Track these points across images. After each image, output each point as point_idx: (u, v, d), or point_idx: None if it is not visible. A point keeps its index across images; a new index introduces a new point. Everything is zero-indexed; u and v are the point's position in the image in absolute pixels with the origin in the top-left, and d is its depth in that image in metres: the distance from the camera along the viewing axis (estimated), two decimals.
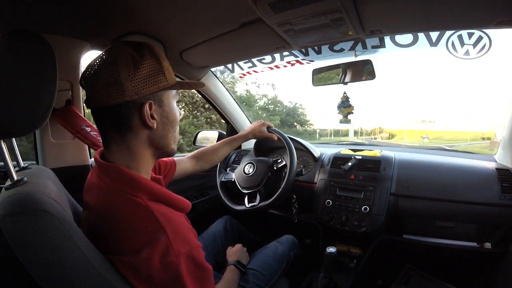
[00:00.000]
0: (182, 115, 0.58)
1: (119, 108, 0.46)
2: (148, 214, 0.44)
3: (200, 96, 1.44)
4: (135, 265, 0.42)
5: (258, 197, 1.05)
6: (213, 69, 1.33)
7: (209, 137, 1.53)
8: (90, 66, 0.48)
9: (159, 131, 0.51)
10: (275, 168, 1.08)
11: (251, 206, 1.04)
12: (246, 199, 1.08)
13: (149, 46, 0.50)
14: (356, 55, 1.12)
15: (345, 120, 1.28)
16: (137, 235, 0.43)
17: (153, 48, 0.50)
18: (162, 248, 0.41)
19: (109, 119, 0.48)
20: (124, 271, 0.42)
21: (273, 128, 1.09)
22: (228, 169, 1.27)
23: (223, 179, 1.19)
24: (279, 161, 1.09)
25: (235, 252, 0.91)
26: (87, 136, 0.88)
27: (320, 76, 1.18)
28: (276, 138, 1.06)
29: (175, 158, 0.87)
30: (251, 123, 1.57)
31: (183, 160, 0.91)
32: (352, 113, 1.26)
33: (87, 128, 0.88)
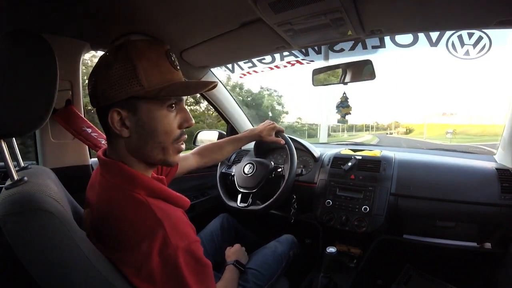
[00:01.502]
0: (193, 121, 0.51)
1: (99, 112, 0.48)
2: (146, 209, 0.44)
3: None
4: (136, 263, 0.42)
5: (250, 200, 1.05)
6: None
7: (209, 137, 1.53)
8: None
9: (134, 140, 0.48)
10: (273, 174, 1.07)
11: (242, 207, 1.05)
12: (239, 198, 1.08)
13: (127, 47, 0.46)
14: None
15: (343, 120, 1.29)
16: (137, 230, 0.43)
17: (130, 48, 0.46)
18: (160, 241, 0.42)
19: (100, 121, 0.50)
20: (126, 270, 0.42)
21: (283, 134, 1.02)
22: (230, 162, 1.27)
23: (223, 170, 1.19)
24: (278, 169, 1.08)
25: (234, 252, 0.91)
26: (88, 138, 0.87)
27: (320, 76, 1.18)
28: (283, 142, 1.00)
29: None
30: (251, 123, 1.57)
31: (187, 157, 0.90)
32: (350, 113, 1.27)
33: (88, 129, 0.88)
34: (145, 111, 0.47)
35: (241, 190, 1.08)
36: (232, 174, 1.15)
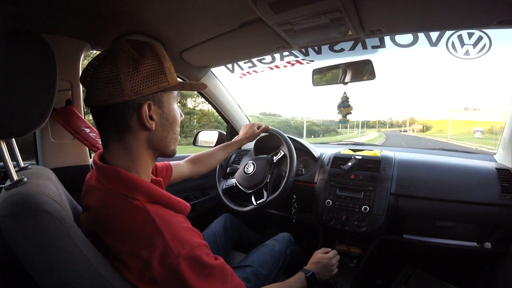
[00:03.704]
0: (183, 117, 0.57)
1: (118, 107, 0.46)
2: (145, 217, 0.43)
3: None
4: (137, 267, 0.41)
5: (265, 192, 1.06)
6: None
7: (209, 137, 1.54)
8: (91, 64, 0.47)
9: (158, 132, 0.50)
10: (274, 161, 1.09)
11: (260, 203, 1.05)
12: (253, 197, 1.09)
13: (151, 46, 0.49)
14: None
15: (344, 120, 1.29)
16: (135, 238, 0.42)
17: (155, 47, 0.49)
18: (160, 250, 0.41)
19: (108, 119, 0.47)
20: (127, 273, 0.42)
21: (264, 125, 1.11)
22: (228, 169, 1.28)
23: (224, 187, 1.19)
24: (278, 153, 1.11)
25: (318, 262, 0.82)
26: (86, 137, 0.88)
27: (320, 76, 1.18)
28: (268, 127, 1.10)
29: (171, 162, 0.86)
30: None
31: (179, 164, 0.90)
32: (351, 113, 1.27)
33: (86, 129, 0.88)
34: (168, 104, 0.51)
35: (251, 190, 1.09)
36: (234, 185, 1.15)
